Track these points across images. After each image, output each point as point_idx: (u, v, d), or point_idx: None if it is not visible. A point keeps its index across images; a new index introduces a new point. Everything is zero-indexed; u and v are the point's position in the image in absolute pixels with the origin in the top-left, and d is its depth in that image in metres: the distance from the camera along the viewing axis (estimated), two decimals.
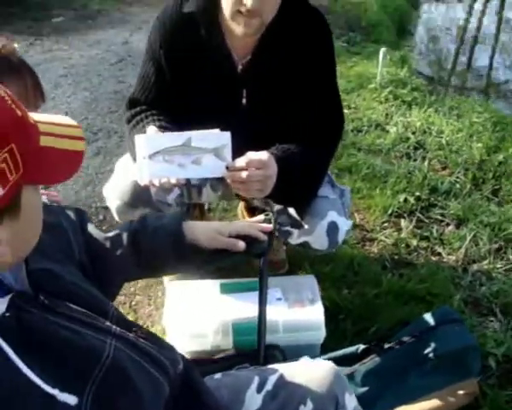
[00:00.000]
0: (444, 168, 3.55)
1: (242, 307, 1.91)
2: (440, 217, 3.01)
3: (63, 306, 0.92)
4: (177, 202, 2.03)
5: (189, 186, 2.04)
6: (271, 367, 1.27)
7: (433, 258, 2.70)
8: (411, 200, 3.08)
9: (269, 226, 1.40)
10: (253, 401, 1.19)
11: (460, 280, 2.53)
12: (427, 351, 1.82)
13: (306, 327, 1.88)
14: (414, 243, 2.76)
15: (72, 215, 1.22)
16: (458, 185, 3.29)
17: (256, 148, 1.72)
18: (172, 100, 1.99)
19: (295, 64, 1.92)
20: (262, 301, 1.41)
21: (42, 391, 0.81)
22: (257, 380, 1.22)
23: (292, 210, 2.02)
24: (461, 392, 1.81)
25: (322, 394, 1.17)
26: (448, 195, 3.19)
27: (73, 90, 4.58)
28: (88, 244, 1.21)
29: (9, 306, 0.85)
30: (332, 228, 1.98)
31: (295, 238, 2.04)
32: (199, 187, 2.09)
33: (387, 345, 1.86)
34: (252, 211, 2.57)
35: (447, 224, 2.97)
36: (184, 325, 1.87)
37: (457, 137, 3.91)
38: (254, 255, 1.42)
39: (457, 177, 3.37)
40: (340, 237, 2.03)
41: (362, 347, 1.91)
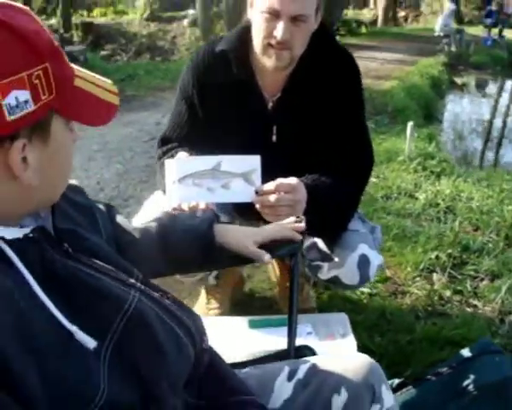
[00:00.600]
0: (475, 230, 3.52)
1: (271, 341, 1.86)
2: (474, 273, 2.95)
3: (87, 259, 0.92)
4: None
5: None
6: (303, 359, 1.22)
7: (468, 309, 2.63)
8: (443, 257, 3.04)
9: (301, 225, 1.39)
10: (284, 390, 1.14)
11: (497, 329, 2.45)
12: (465, 383, 1.72)
13: None
14: (447, 294, 2.70)
15: (101, 206, 1.23)
16: (491, 244, 3.25)
17: None
18: (203, 137, 2.03)
19: (324, 101, 1.95)
20: (293, 302, 1.37)
21: (59, 323, 0.80)
22: (287, 369, 1.17)
23: (322, 244, 2.00)
24: None
25: (357, 383, 1.11)
26: (481, 253, 3.14)
27: (106, 162, 4.73)
28: (116, 233, 1.21)
29: (34, 230, 0.86)
30: (363, 261, 1.95)
31: (325, 272, 2.00)
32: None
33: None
34: (281, 259, 2.55)
35: (481, 279, 2.90)
36: None
37: (488, 202, 3.90)
38: (286, 256, 1.40)
39: (490, 237, 3.33)
40: (372, 272, 1.98)
41: (397, 381, 1.83)
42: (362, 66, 2.07)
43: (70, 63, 0.88)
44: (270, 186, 1.70)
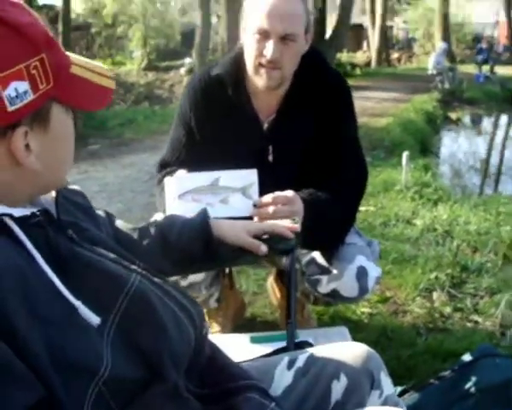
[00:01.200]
0: (473, 251, 3.55)
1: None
2: (473, 290, 2.97)
3: (89, 246, 0.95)
4: None
5: None
6: (302, 350, 1.24)
7: (469, 324, 2.64)
8: (442, 277, 3.07)
9: (296, 226, 1.43)
10: (283, 378, 1.16)
11: (499, 342, 2.46)
12: (468, 385, 1.74)
13: None
14: (448, 311, 2.72)
15: (100, 212, 1.27)
16: (489, 264, 3.28)
17: None
18: (201, 160, 2.07)
19: (318, 120, 2.01)
20: (291, 299, 1.40)
21: (64, 298, 0.83)
22: (287, 358, 1.19)
23: (320, 259, 2.03)
24: None
25: (356, 369, 1.13)
26: (480, 272, 3.17)
27: (107, 202, 4.78)
28: (116, 235, 1.25)
29: (40, 211, 0.90)
30: (361, 273, 1.97)
31: (324, 286, 2.03)
32: None
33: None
34: (282, 281, 2.58)
35: (481, 296, 2.92)
36: None
37: (485, 225, 3.94)
38: (281, 253, 1.43)
39: (488, 256, 3.36)
40: (371, 284, 2.01)
41: (399, 388, 1.84)
42: (358, 105, 2.14)
43: (65, 52, 0.93)
44: (267, 199, 1.75)
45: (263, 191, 1.73)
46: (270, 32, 1.78)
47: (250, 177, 1.75)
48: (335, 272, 1.99)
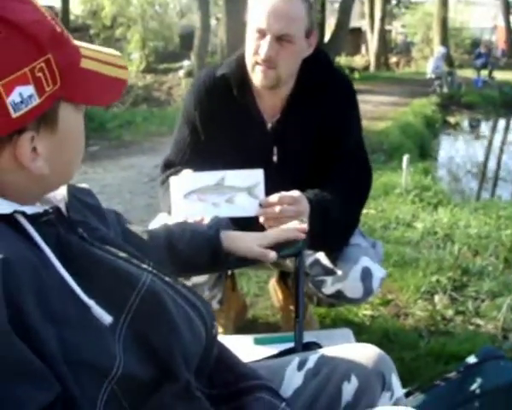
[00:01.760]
0: (474, 255, 3.55)
1: None
2: (475, 294, 2.97)
3: (100, 245, 0.94)
4: None
5: None
6: (312, 351, 1.24)
7: (471, 327, 2.64)
8: (444, 280, 3.07)
9: (304, 226, 1.43)
10: (294, 379, 1.16)
11: (501, 345, 2.46)
12: (473, 388, 1.73)
13: None
14: (450, 313, 2.72)
15: (109, 211, 1.25)
16: (490, 267, 3.28)
17: None
18: (205, 160, 2.07)
19: (323, 121, 2.00)
20: (299, 299, 1.40)
21: (77, 297, 0.82)
22: (297, 359, 1.19)
23: (324, 260, 2.03)
24: None
25: (367, 370, 1.13)
26: (481, 275, 3.17)
27: (106, 204, 4.60)
28: (124, 234, 1.23)
29: (52, 208, 0.89)
30: (366, 273, 1.97)
31: (329, 286, 2.02)
32: None
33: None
34: (284, 283, 2.58)
35: (482, 300, 2.92)
36: None
37: (485, 229, 3.94)
38: (291, 256, 1.43)
39: (489, 260, 3.36)
40: (375, 285, 2.01)
41: (404, 390, 1.83)
42: None
43: (75, 43, 0.89)
44: (273, 198, 1.75)
45: (267, 192, 1.73)
46: (266, 31, 1.79)
47: (256, 176, 1.75)
48: (340, 273, 1.99)
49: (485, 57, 19.69)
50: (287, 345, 1.86)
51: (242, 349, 1.95)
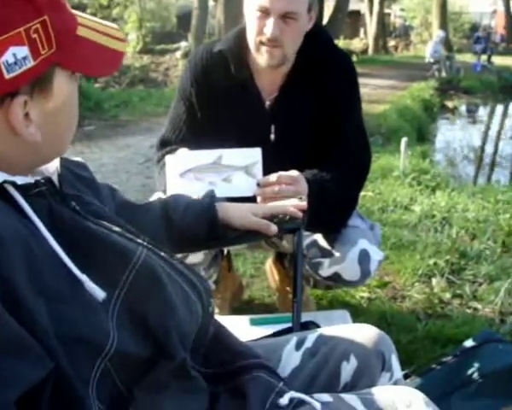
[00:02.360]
0: (472, 239, 3.53)
1: None
2: (472, 277, 2.95)
3: (93, 218, 0.91)
4: None
5: None
6: (311, 330, 1.22)
7: (468, 311, 2.63)
8: (441, 263, 3.05)
9: (303, 204, 1.40)
10: (291, 359, 1.13)
11: (498, 328, 2.44)
12: (470, 371, 1.72)
13: None
14: (447, 296, 2.70)
15: (103, 186, 1.22)
16: (488, 251, 3.26)
17: None
18: (202, 138, 2.04)
19: (322, 100, 1.97)
20: (297, 276, 1.38)
21: (69, 271, 0.80)
22: (295, 339, 1.16)
23: (322, 241, 2.01)
24: None
25: (367, 350, 1.10)
26: (478, 259, 3.15)
27: None
28: (118, 209, 1.20)
29: (44, 178, 0.86)
30: (364, 256, 1.94)
31: (326, 269, 2.00)
32: None
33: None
34: (281, 264, 2.56)
35: (480, 283, 2.91)
36: None
37: (483, 213, 3.93)
38: (288, 232, 1.40)
39: (487, 244, 3.34)
40: (373, 267, 1.98)
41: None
42: None
43: (72, 11, 0.86)
44: (271, 178, 1.72)
45: (264, 171, 1.70)
46: (270, 10, 1.73)
47: (253, 155, 1.72)
48: (337, 255, 1.96)
49: (483, 42, 19.63)
50: (283, 326, 1.84)
51: (238, 330, 1.94)
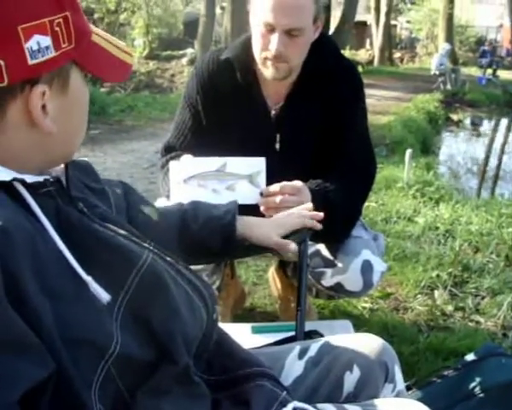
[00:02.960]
0: (475, 252, 3.52)
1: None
2: (475, 290, 2.95)
3: (100, 221, 0.91)
4: None
5: None
6: (314, 339, 1.21)
7: (470, 324, 2.62)
8: (444, 275, 3.04)
9: (320, 214, 1.41)
10: (294, 368, 1.13)
11: (501, 342, 2.44)
12: (472, 385, 1.71)
13: None
14: (449, 309, 2.70)
15: (115, 185, 1.21)
16: (491, 264, 3.25)
17: None
18: (207, 145, 2.03)
19: (328, 110, 1.96)
20: (302, 285, 1.37)
21: (74, 272, 0.80)
22: (298, 348, 1.16)
23: (325, 251, 2.00)
24: None
25: (370, 361, 1.10)
26: (481, 272, 3.14)
27: None
28: (130, 211, 1.19)
29: (53, 178, 0.87)
30: (366, 267, 1.94)
31: (328, 278, 2.00)
32: None
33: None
34: (284, 272, 2.55)
35: (482, 297, 2.90)
36: None
37: (487, 226, 3.92)
38: (296, 242, 1.40)
39: (490, 257, 3.34)
40: (375, 278, 1.98)
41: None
42: None
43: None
44: (275, 188, 1.71)
45: (269, 179, 1.70)
46: (275, 27, 1.73)
47: (258, 165, 1.72)
48: (340, 266, 1.96)
49: (489, 55, 19.64)
50: (285, 334, 1.84)
51: (240, 337, 1.93)
